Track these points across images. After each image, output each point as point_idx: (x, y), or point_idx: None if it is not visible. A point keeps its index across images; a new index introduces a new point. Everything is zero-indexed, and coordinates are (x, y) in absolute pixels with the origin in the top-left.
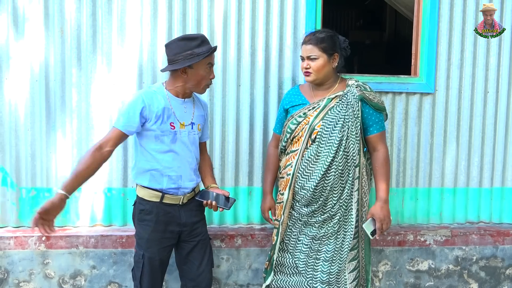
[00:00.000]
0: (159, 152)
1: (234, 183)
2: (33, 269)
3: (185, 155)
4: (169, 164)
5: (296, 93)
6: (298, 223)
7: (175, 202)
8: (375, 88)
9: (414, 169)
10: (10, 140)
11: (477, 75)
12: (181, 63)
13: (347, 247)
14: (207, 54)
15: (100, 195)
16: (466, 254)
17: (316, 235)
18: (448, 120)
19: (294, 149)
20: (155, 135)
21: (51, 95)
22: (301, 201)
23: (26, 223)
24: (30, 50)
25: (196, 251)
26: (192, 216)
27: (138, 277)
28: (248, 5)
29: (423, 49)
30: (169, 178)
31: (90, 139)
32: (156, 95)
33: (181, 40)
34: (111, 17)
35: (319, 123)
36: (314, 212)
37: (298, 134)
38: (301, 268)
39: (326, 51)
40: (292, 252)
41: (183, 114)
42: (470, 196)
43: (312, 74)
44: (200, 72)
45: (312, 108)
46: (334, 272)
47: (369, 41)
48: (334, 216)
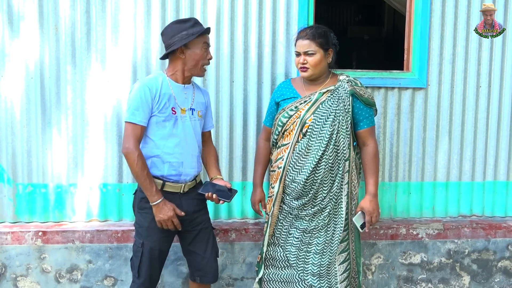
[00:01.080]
0: (161, 138)
1: (228, 178)
2: (30, 264)
3: (186, 141)
4: (170, 150)
5: (287, 86)
6: (288, 216)
7: (176, 190)
8: (367, 83)
9: (406, 164)
10: (7, 137)
11: (469, 70)
12: (178, 44)
13: (337, 239)
14: (201, 31)
15: (95, 191)
16: (458, 247)
17: (307, 227)
18: (440, 114)
19: (285, 143)
20: (157, 120)
21: (46, 92)
22: (292, 194)
23: (23, 219)
24: (25, 47)
25: (198, 240)
26: (193, 205)
27: (137, 266)
28: (241, 2)
29: (415, 44)
30: (170, 164)
31: (85, 136)
32: (157, 81)
33: (175, 24)
34: (105, 15)
35: (310, 117)
36: (304, 205)
37: (290, 127)
38: (292, 261)
39: (322, 46)
40: (283, 246)
41: (183, 99)
42: (463, 190)
43: (309, 69)
44: (197, 52)
45: (303, 102)
46: (325, 264)
47: (367, 36)
48: (324, 209)
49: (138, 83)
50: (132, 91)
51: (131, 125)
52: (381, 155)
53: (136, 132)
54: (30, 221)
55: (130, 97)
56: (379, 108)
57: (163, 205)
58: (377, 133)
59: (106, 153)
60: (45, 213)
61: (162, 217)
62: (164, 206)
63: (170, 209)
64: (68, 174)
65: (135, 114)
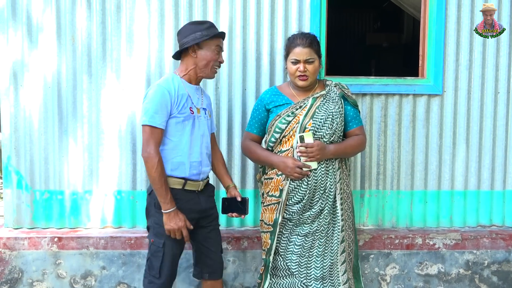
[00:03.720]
0: (181, 138)
1: (240, 186)
2: (46, 269)
3: (203, 140)
4: (191, 150)
5: (276, 93)
6: (288, 224)
7: (195, 188)
8: (381, 90)
9: (422, 172)
10: (25, 144)
11: (486, 76)
12: (191, 42)
13: (336, 239)
14: (216, 33)
15: (110, 198)
16: (477, 258)
17: (309, 231)
18: (457, 121)
19: (284, 149)
20: (176, 121)
21: (63, 101)
22: (293, 199)
23: (39, 225)
24: (43, 58)
25: (211, 236)
26: (209, 202)
27: (158, 267)
28: (253, 10)
29: (430, 50)
30: (191, 164)
31: (100, 143)
32: (174, 82)
33: (191, 24)
34: (120, 25)
35: (310, 121)
36: (304, 207)
37: (289, 133)
38: (294, 269)
39: (318, 54)
40: (283, 254)
41: (197, 99)
42: (482, 199)
43: (309, 77)
44: (209, 53)
45: (299, 108)
46: (327, 266)
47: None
48: (323, 208)
49: (155, 86)
50: (149, 94)
51: (151, 128)
52: (396, 163)
53: (156, 136)
54: (46, 227)
55: (148, 100)
56: (393, 115)
57: (175, 214)
58: (392, 141)
59: (121, 161)
60: (61, 219)
61: (173, 226)
62: (176, 215)
63: (182, 219)
64: (83, 181)
65: (155, 117)
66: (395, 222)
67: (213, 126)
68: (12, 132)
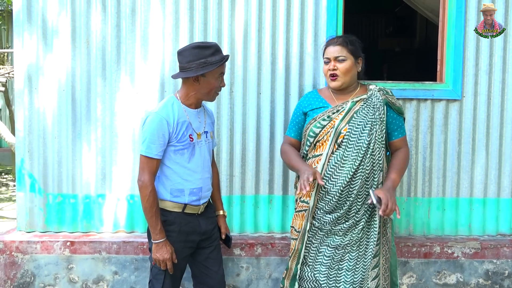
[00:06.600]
0: (180, 166)
1: (254, 191)
2: (58, 274)
3: (203, 165)
4: (191, 177)
5: (315, 96)
6: (319, 233)
7: (195, 211)
8: (398, 95)
9: (440, 178)
10: (38, 148)
11: (507, 81)
12: (195, 71)
13: (370, 253)
14: (220, 63)
15: (123, 202)
16: (498, 268)
17: (340, 243)
18: (476, 127)
19: (317, 154)
20: (175, 149)
21: (77, 105)
22: (325, 207)
23: (52, 228)
24: (58, 61)
25: (213, 256)
26: (209, 224)
27: None
28: (269, 13)
29: (449, 55)
30: (191, 191)
31: (113, 147)
32: (173, 109)
33: (195, 48)
34: (134, 28)
35: (346, 126)
36: (338, 219)
37: (323, 137)
38: (322, 281)
39: (353, 54)
40: (312, 265)
41: (198, 124)
42: (502, 207)
43: (339, 77)
44: (212, 81)
45: (336, 111)
46: (358, 281)
47: (398, 48)
48: (359, 222)
49: (152, 114)
50: (147, 122)
51: (147, 158)
52: (413, 169)
53: (152, 166)
54: (59, 231)
55: (145, 129)
56: (410, 121)
57: (163, 245)
58: (409, 146)
59: (134, 165)
60: (73, 223)
61: (159, 257)
62: (163, 247)
63: (169, 251)
64: (96, 185)
65: (151, 148)
66: (412, 230)
67: (214, 143)
68: (26, 135)
